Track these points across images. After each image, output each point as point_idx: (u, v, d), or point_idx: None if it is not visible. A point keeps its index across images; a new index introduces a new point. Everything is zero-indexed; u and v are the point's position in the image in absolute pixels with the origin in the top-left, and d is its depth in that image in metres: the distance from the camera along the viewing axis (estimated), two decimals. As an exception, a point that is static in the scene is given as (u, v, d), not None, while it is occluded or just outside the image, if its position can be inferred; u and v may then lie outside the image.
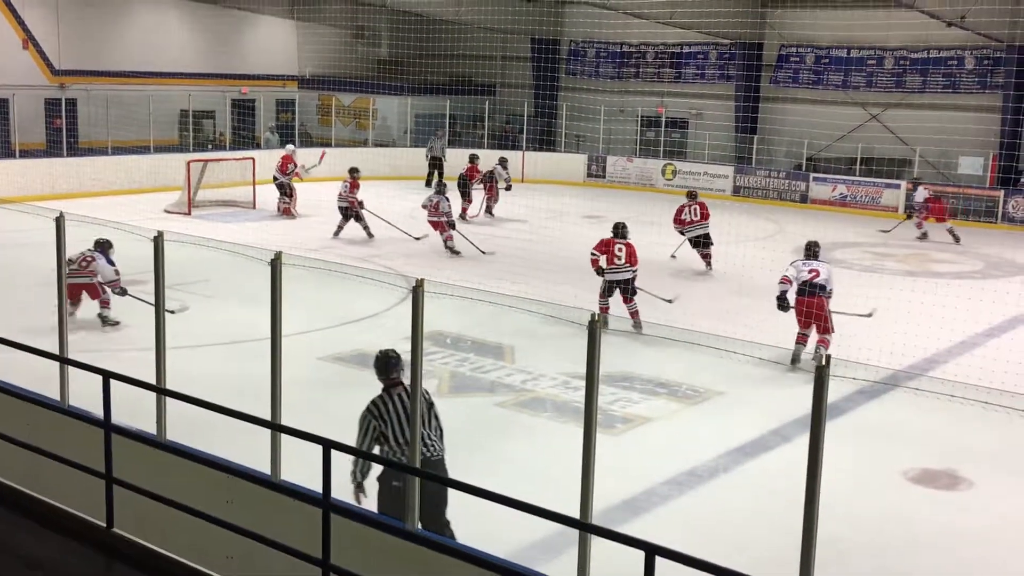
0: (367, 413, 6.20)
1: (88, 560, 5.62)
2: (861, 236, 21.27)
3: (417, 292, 4.76)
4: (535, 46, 30.95)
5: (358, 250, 17.72)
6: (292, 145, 23.76)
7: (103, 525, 5.67)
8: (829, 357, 3.94)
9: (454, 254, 17.38)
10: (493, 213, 22.16)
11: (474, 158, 22.51)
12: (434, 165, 26.72)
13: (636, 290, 12.70)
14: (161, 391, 5.77)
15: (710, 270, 16.76)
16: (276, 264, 5.33)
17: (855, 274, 16.61)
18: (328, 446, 4.74)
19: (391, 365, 6.28)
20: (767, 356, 10.94)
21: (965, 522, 7.69)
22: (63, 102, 26.07)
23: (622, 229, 12.92)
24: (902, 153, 25.70)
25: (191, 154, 24.39)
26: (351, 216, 18.86)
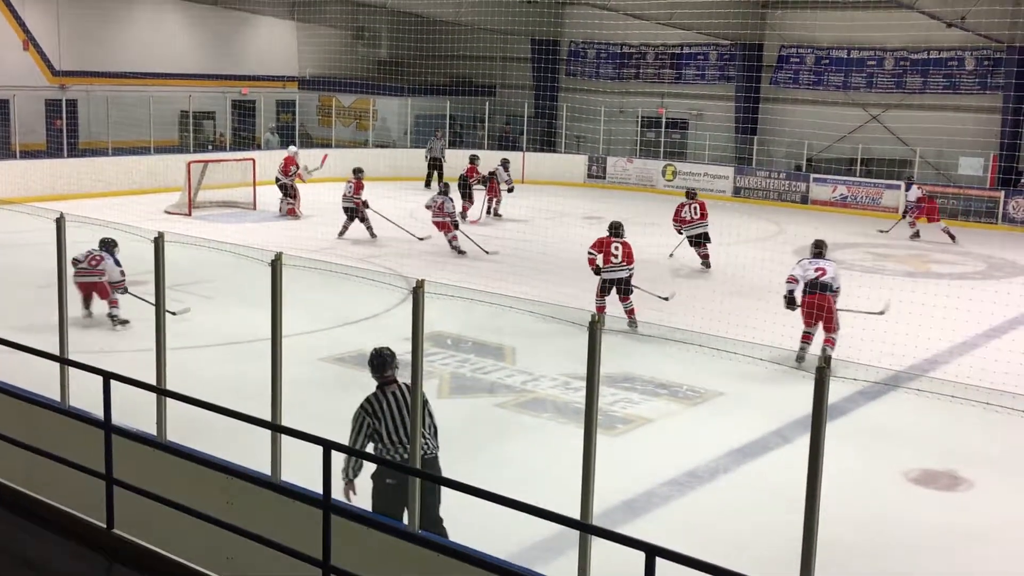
0: (361, 410, 6.21)
1: (88, 561, 5.62)
2: (861, 237, 21.28)
3: (418, 293, 4.77)
4: (535, 47, 30.97)
5: (359, 250, 17.72)
6: (294, 147, 23.77)
7: (103, 526, 5.67)
8: (829, 358, 3.95)
9: (460, 254, 17.42)
10: (500, 214, 22.10)
11: (474, 159, 22.47)
12: (433, 166, 26.70)
13: (632, 288, 12.74)
14: (161, 392, 5.77)
15: (708, 269, 16.79)
16: (276, 265, 5.33)
17: (855, 275, 16.59)
18: (328, 447, 4.75)
19: (385, 363, 6.28)
20: (768, 357, 10.93)
21: (965, 522, 7.68)
22: (63, 103, 26.05)
23: (618, 228, 12.99)
24: (902, 154, 25.69)
25: (191, 155, 24.38)
26: (356, 216, 18.89)
